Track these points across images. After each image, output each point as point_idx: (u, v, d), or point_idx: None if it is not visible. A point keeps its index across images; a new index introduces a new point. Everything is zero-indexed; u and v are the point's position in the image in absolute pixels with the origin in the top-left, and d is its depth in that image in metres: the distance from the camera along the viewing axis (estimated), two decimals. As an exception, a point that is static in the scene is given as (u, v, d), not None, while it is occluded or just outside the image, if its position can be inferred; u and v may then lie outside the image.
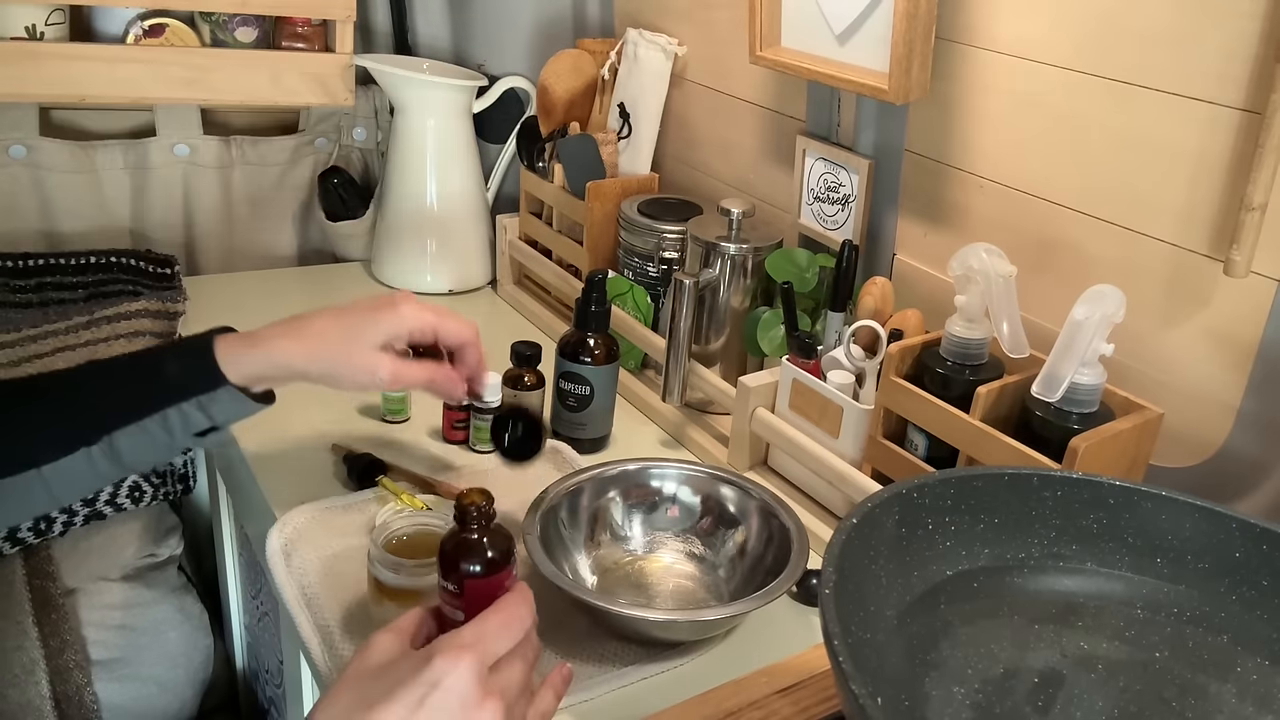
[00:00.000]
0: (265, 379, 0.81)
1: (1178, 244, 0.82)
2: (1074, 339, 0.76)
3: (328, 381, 0.82)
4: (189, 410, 0.77)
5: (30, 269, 1.29)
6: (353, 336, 0.81)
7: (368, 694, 0.54)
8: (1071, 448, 0.75)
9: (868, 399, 0.93)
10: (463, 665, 0.55)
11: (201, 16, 1.32)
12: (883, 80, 0.94)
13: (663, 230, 1.18)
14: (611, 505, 0.91)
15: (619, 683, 0.78)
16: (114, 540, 1.23)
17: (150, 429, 0.77)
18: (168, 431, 0.78)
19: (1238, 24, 0.74)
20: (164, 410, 0.77)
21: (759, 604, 0.77)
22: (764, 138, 1.22)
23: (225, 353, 0.78)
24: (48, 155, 1.34)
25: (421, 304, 0.84)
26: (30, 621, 1.14)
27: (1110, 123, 0.84)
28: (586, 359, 1.04)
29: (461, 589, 0.63)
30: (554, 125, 1.35)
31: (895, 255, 1.08)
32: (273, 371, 0.80)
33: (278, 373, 0.80)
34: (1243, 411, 0.80)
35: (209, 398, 0.77)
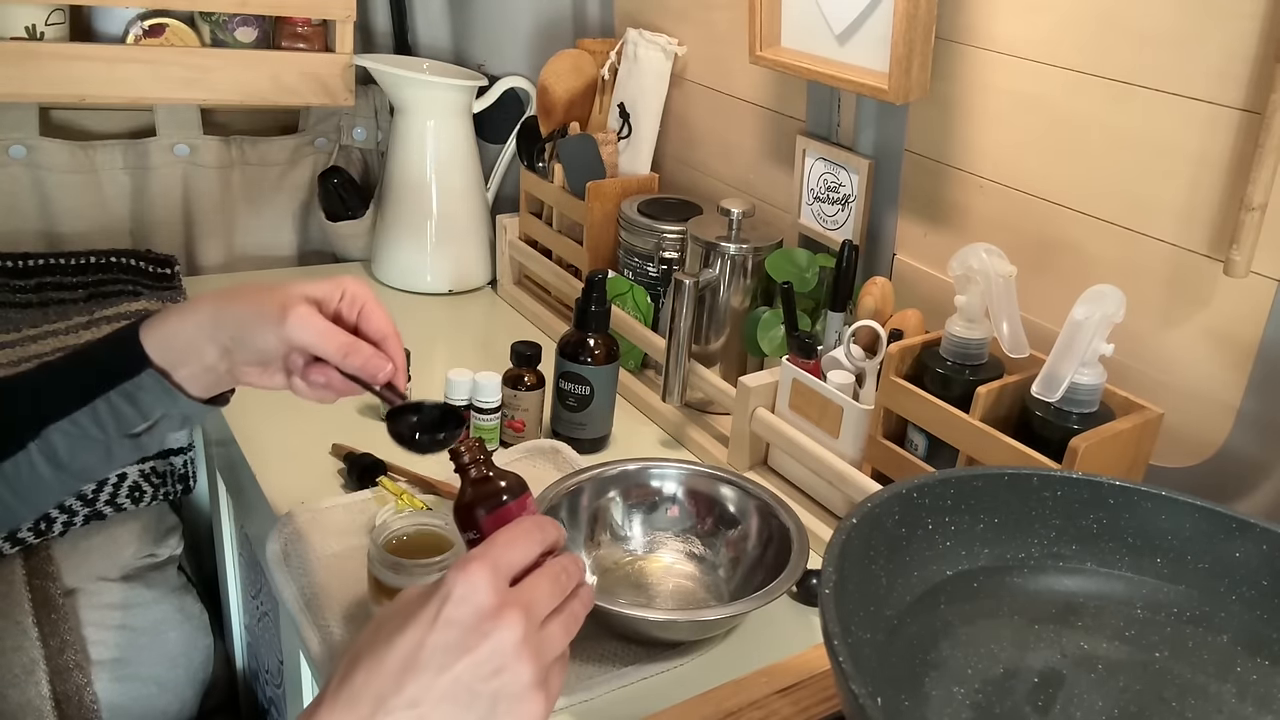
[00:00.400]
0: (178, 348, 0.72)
1: (1178, 244, 0.82)
2: (1074, 339, 0.76)
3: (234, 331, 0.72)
4: (117, 401, 0.72)
5: (30, 269, 1.29)
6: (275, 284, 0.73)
7: (385, 625, 0.54)
8: (1071, 448, 0.75)
9: (868, 399, 0.93)
10: (473, 574, 0.54)
11: (201, 16, 1.32)
12: (883, 80, 0.94)
13: (663, 230, 1.18)
14: (611, 505, 0.91)
15: (619, 683, 0.78)
16: (114, 540, 1.23)
17: (83, 423, 0.72)
18: (100, 427, 0.72)
19: (1238, 24, 0.74)
20: (93, 403, 0.72)
21: (759, 604, 0.77)
22: (764, 138, 1.22)
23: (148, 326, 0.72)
24: (48, 155, 1.34)
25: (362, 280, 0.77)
26: (30, 621, 1.14)
27: (1110, 123, 0.84)
28: (586, 359, 1.04)
29: (481, 531, 0.63)
30: (554, 125, 1.35)
31: (895, 255, 1.08)
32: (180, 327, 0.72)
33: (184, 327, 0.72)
34: (1243, 411, 0.80)
35: (134, 384, 0.71)
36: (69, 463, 0.74)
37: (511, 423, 1.05)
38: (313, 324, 0.71)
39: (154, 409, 0.73)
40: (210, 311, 0.72)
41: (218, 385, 0.74)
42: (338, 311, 0.74)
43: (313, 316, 0.71)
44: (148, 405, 0.73)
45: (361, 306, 0.75)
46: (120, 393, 0.72)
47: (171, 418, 0.74)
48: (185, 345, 0.72)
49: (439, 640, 0.53)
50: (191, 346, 0.72)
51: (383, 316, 0.76)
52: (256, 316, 0.71)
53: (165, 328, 0.72)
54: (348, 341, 0.72)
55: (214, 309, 0.72)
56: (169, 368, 0.72)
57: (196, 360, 0.73)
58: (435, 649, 0.53)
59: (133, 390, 0.72)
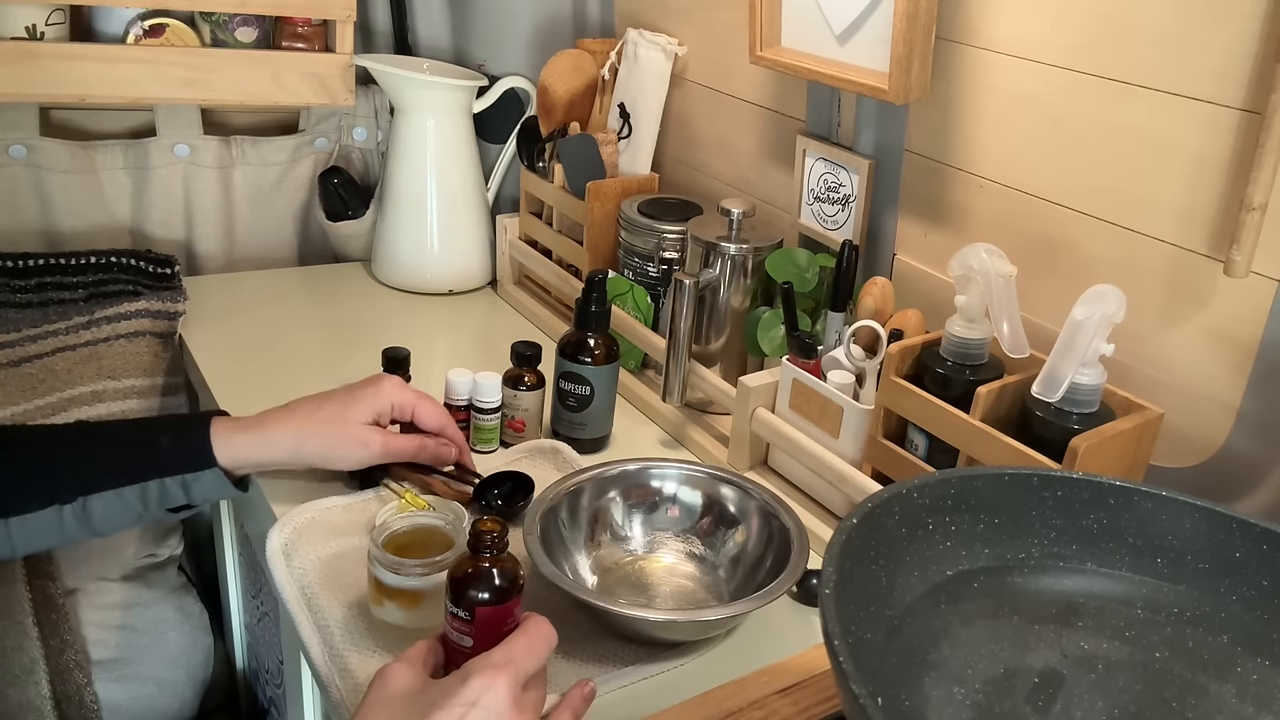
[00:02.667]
0: (255, 463, 0.84)
1: (1178, 244, 0.82)
2: (1074, 339, 0.76)
3: (320, 461, 0.87)
4: (170, 486, 0.79)
5: (30, 269, 1.29)
6: (342, 415, 0.87)
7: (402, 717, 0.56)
8: (1072, 448, 0.75)
9: (868, 399, 0.93)
10: (499, 684, 0.57)
11: (201, 16, 1.33)
12: (883, 80, 0.94)
13: (663, 230, 1.18)
14: (612, 505, 0.91)
15: (619, 683, 0.78)
16: (114, 540, 1.23)
17: (127, 497, 0.78)
18: (143, 503, 0.79)
19: (1238, 24, 0.74)
20: (145, 483, 0.78)
21: (759, 604, 0.77)
22: (764, 138, 1.22)
23: (220, 435, 0.80)
24: (48, 155, 1.34)
25: (400, 382, 0.91)
26: (30, 621, 1.14)
27: (1110, 123, 0.84)
28: (586, 359, 1.03)
29: (472, 616, 0.65)
30: (554, 125, 1.35)
31: (895, 255, 1.08)
32: (265, 454, 0.83)
33: (269, 455, 0.83)
34: (1243, 411, 0.80)
35: (194, 477, 0.79)
36: (99, 526, 0.79)
37: (512, 423, 1.05)
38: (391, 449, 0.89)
39: (203, 496, 0.81)
40: (291, 449, 0.85)
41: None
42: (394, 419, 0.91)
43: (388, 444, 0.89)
44: (199, 494, 0.81)
45: (412, 410, 0.91)
46: (177, 481, 0.79)
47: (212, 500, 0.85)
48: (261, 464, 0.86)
49: None
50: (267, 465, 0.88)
51: (433, 412, 0.93)
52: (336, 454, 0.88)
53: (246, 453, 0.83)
54: (419, 445, 0.91)
55: (294, 446, 0.85)
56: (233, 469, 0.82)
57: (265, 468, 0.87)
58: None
59: (191, 481, 0.80)
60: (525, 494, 0.94)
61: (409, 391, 0.91)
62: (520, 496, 0.94)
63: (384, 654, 0.78)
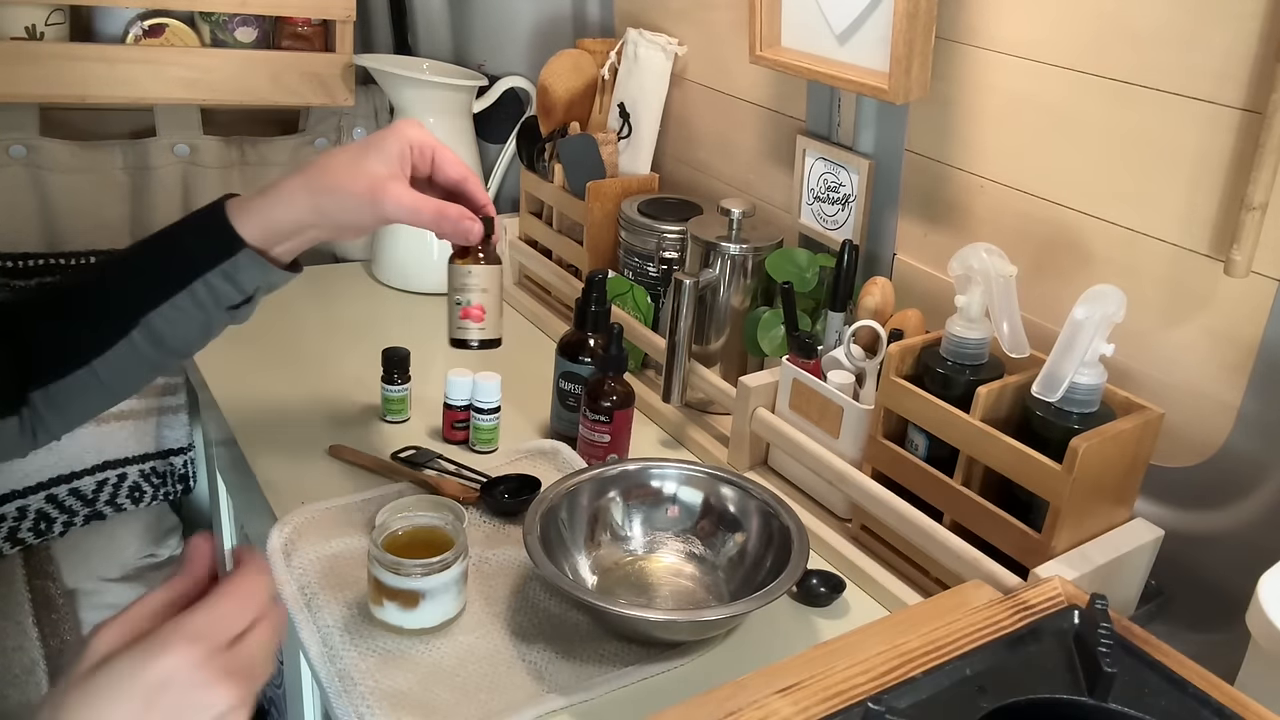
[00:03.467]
0: (280, 232, 0.77)
1: (1178, 244, 0.81)
2: (1074, 339, 0.76)
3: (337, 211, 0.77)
4: (215, 282, 0.76)
5: (30, 269, 1.30)
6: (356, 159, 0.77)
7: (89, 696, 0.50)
8: (1072, 448, 0.74)
9: (868, 399, 0.93)
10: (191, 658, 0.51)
11: (201, 16, 1.33)
12: (883, 80, 0.94)
13: (663, 230, 1.18)
14: (611, 505, 0.91)
15: (619, 683, 0.78)
16: (114, 540, 1.23)
17: (182, 305, 0.76)
18: (199, 307, 0.76)
19: (1238, 24, 0.74)
20: (190, 286, 0.76)
21: (759, 604, 0.77)
22: (764, 137, 1.22)
23: (237, 212, 0.76)
24: (48, 155, 1.34)
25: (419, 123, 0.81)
26: (30, 622, 1.14)
27: (1111, 122, 0.84)
28: (586, 359, 1.03)
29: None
30: (554, 125, 1.35)
31: (895, 255, 1.08)
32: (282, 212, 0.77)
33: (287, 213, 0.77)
34: (1243, 411, 0.80)
35: (232, 264, 0.76)
36: (171, 341, 0.77)
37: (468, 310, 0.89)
38: (404, 202, 0.77)
39: (251, 283, 0.77)
40: (307, 202, 0.77)
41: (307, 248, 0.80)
42: (414, 168, 0.79)
43: (403, 194, 0.77)
44: (245, 281, 0.77)
45: (432, 155, 0.80)
46: (218, 273, 0.76)
47: (265, 287, 0.79)
48: (288, 231, 0.77)
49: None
50: (295, 231, 0.77)
51: (453, 159, 0.81)
52: (352, 204, 0.76)
53: (264, 216, 0.76)
54: (437, 211, 0.78)
55: (311, 200, 0.77)
56: (266, 246, 0.77)
57: (298, 239, 0.78)
58: None
59: (230, 270, 0.76)
60: (532, 493, 0.94)
61: (429, 133, 0.81)
62: (527, 495, 0.94)
63: (383, 654, 0.78)
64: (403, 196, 0.77)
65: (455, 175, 0.82)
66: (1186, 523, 0.84)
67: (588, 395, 1.00)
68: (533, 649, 0.80)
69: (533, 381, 1.14)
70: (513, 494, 0.96)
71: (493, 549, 0.91)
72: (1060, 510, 0.76)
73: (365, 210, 0.77)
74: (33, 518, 1.21)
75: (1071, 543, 0.79)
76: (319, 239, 0.79)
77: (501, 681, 0.77)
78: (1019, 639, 0.68)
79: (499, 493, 0.96)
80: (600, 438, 1.00)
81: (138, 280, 0.77)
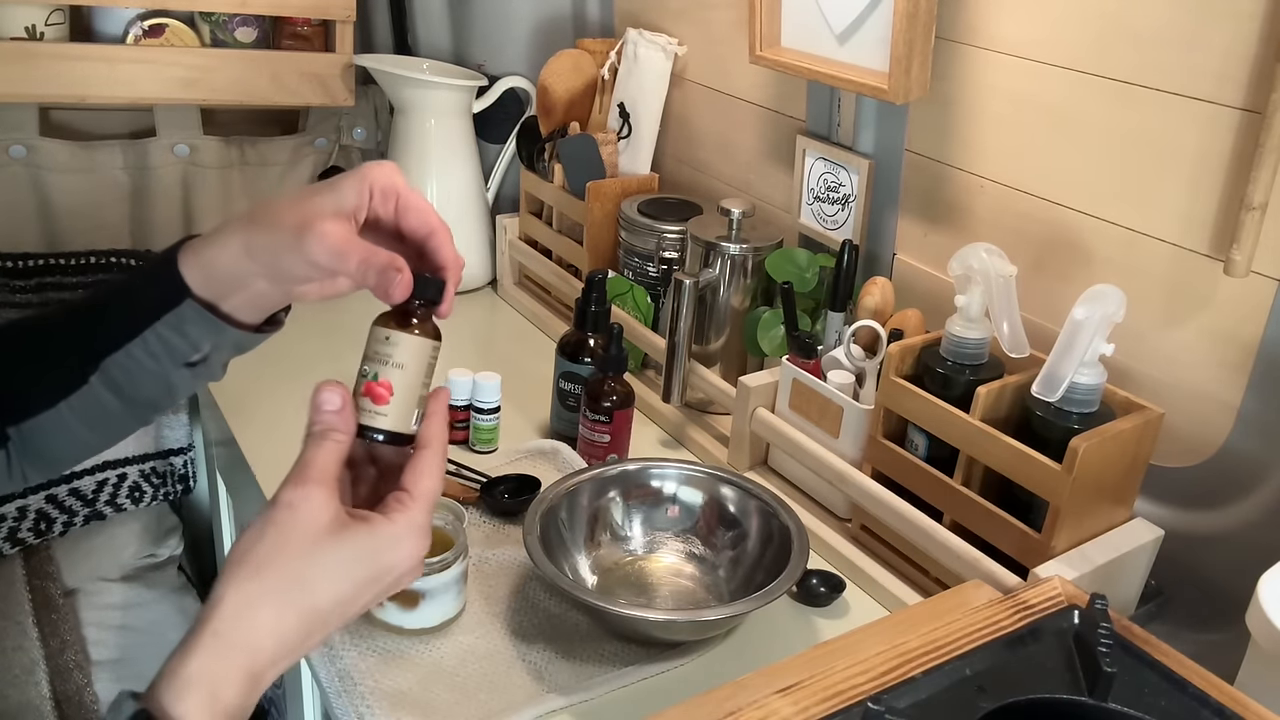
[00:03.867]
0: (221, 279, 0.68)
1: (1178, 244, 0.81)
2: (1074, 339, 0.76)
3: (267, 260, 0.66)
4: (164, 333, 0.69)
5: (30, 269, 1.29)
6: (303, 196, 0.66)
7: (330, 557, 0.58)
8: (1072, 448, 0.74)
9: (868, 399, 0.93)
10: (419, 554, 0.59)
11: (201, 16, 1.32)
12: (883, 80, 0.94)
13: (663, 230, 1.18)
14: (611, 505, 0.91)
15: (619, 683, 0.78)
16: (114, 540, 1.23)
17: (136, 355, 0.70)
18: (154, 358, 0.70)
19: (1238, 24, 0.74)
20: (142, 334, 0.69)
21: (759, 604, 0.77)
22: (764, 138, 1.22)
23: (187, 257, 0.69)
24: (48, 155, 1.34)
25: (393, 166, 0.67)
26: (30, 622, 1.14)
27: (1111, 123, 0.84)
28: (586, 359, 1.04)
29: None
30: (554, 125, 1.35)
31: (895, 255, 1.08)
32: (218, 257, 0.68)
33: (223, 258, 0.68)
34: (1243, 411, 0.80)
35: (176, 316, 0.68)
36: (132, 394, 0.72)
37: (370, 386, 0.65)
38: (328, 242, 0.62)
39: (202, 340, 0.70)
40: (241, 242, 0.67)
41: (271, 308, 0.71)
42: (374, 214, 0.66)
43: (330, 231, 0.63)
44: (195, 336, 0.70)
45: (397, 200, 0.66)
46: (165, 324, 0.69)
47: (223, 346, 0.71)
48: (228, 277, 0.68)
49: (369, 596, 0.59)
50: (234, 278, 0.68)
51: (422, 208, 0.67)
52: (281, 242, 0.65)
53: (202, 258, 0.69)
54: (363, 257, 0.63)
55: (244, 239, 0.67)
56: (215, 299, 0.69)
57: (243, 290, 0.69)
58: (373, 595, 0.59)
59: (177, 322, 0.69)
60: (532, 493, 0.94)
61: (399, 176, 0.66)
62: (527, 495, 0.95)
63: (383, 654, 0.78)
64: (329, 234, 0.62)
65: (419, 225, 0.66)
66: (1186, 523, 0.84)
67: (588, 395, 1.00)
68: (533, 649, 0.80)
69: (533, 381, 1.14)
70: (513, 494, 0.96)
71: (493, 549, 0.91)
72: (1060, 510, 0.76)
73: (293, 249, 0.64)
74: (33, 518, 1.21)
75: (1071, 543, 0.79)
76: (269, 294, 0.68)
77: (501, 681, 0.77)
78: (1019, 639, 0.68)
79: (499, 493, 0.96)
80: (600, 438, 1.00)
81: (94, 323, 0.72)
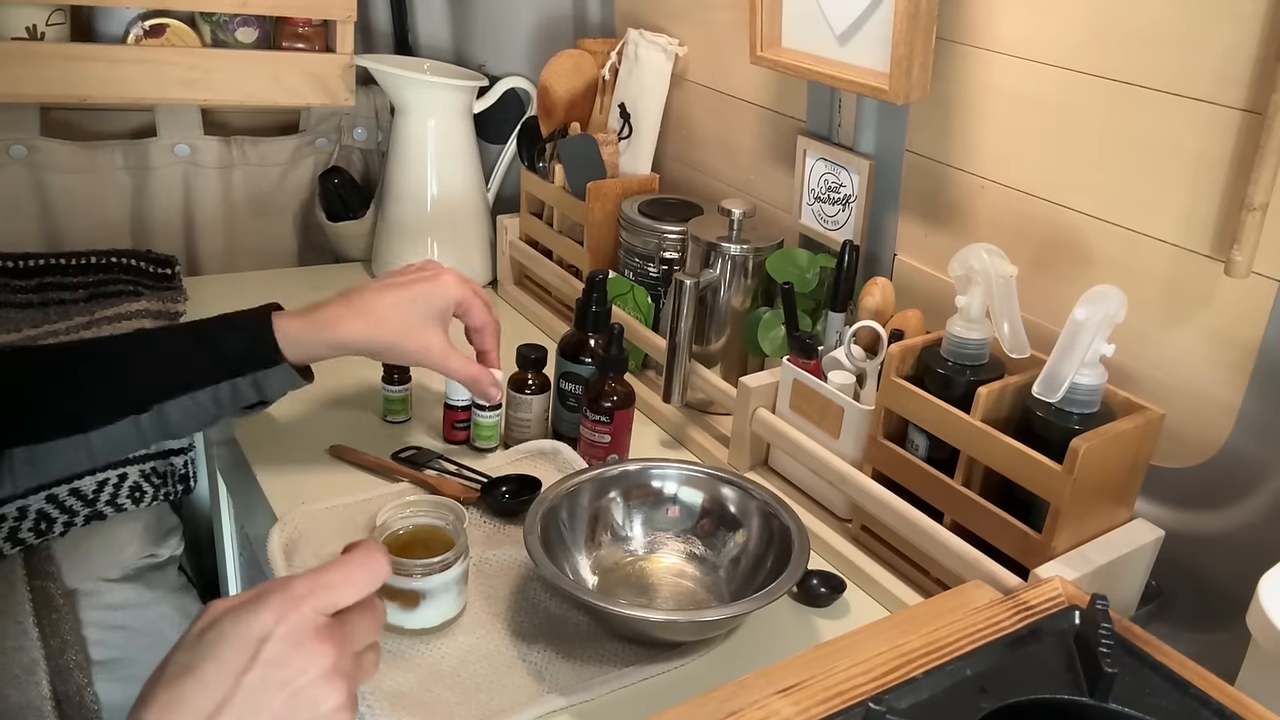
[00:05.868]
0: (321, 357, 0.85)
1: (1179, 244, 0.81)
2: (1075, 339, 0.76)
3: (382, 356, 0.89)
4: (242, 385, 0.80)
5: (30, 269, 1.29)
6: (408, 314, 0.86)
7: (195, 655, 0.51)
8: (1072, 448, 0.74)
9: (868, 399, 0.93)
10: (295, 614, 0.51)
11: (202, 17, 1.32)
12: (883, 80, 0.94)
13: (663, 230, 1.18)
14: (612, 505, 0.91)
15: (619, 683, 0.78)
16: (114, 540, 1.22)
17: (201, 400, 0.80)
18: (217, 404, 0.80)
19: (1238, 24, 0.74)
20: (217, 384, 0.80)
21: (759, 604, 0.77)
22: (764, 138, 1.22)
23: (284, 331, 0.81)
24: (48, 155, 1.34)
25: (457, 274, 0.90)
26: (30, 621, 1.14)
27: (1111, 123, 0.84)
28: (587, 359, 1.03)
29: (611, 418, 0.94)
30: (554, 125, 1.35)
31: (896, 255, 1.08)
32: (330, 351, 0.84)
33: (334, 352, 0.85)
34: (1244, 412, 0.80)
35: (264, 375, 0.80)
36: (176, 430, 0.82)
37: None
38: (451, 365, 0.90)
39: (275, 392, 0.83)
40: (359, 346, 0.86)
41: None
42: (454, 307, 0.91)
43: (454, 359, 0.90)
44: (271, 390, 0.82)
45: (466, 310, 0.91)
46: (248, 380, 0.81)
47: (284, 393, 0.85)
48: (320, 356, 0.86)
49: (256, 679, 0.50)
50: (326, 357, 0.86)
51: (481, 309, 0.92)
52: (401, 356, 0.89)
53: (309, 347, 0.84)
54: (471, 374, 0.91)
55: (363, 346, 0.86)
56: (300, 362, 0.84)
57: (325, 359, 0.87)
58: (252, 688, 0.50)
59: (262, 379, 0.81)
60: (532, 493, 0.94)
61: (467, 286, 0.91)
62: (528, 495, 0.95)
63: (384, 654, 0.78)
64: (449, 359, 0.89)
65: (479, 324, 0.93)
66: (1187, 523, 0.84)
67: (588, 395, 1.00)
68: (533, 649, 0.80)
69: (533, 382, 1.14)
70: (513, 494, 0.96)
71: (493, 549, 0.91)
72: (1060, 511, 0.76)
73: (415, 358, 0.89)
74: (33, 518, 1.20)
75: (1072, 543, 0.79)
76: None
77: (502, 681, 0.77)
78: (1019, 639, 0.68)
79: (499, 493, 0.96)
80: (601, 438, 1.00)
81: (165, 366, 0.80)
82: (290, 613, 0.51)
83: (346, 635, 0.54)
